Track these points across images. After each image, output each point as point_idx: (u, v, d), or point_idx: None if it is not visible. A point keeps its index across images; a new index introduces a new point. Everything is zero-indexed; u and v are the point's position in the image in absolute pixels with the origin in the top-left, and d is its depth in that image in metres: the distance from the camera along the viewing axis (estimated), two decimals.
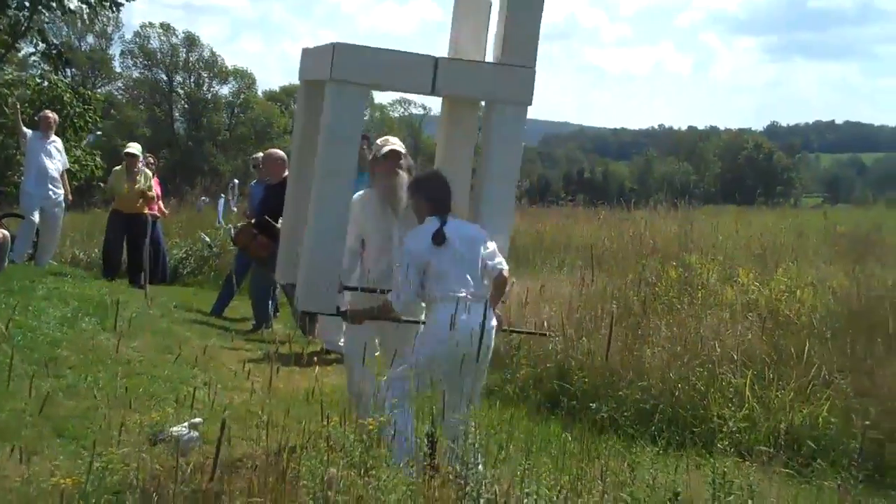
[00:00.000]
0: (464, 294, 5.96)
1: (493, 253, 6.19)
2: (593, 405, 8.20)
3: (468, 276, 6.07)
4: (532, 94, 6.30)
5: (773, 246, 14.67)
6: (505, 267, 6.19)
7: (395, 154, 6.69)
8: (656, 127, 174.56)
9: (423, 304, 6.33)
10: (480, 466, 4.89)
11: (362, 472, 4.70)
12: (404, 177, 6.61)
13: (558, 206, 26.18)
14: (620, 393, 8.35)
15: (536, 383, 8.87)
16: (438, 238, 6.07)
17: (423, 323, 6.31)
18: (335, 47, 6.16)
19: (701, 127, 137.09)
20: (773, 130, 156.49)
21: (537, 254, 15.53)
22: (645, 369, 8.58)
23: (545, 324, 9.68)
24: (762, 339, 9.06)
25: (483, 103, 6.68)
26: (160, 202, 15.39)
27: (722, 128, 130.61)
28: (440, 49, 6.75)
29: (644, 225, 16.55)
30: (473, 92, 6.67)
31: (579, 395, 8.44)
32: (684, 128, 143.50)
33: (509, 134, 6.35)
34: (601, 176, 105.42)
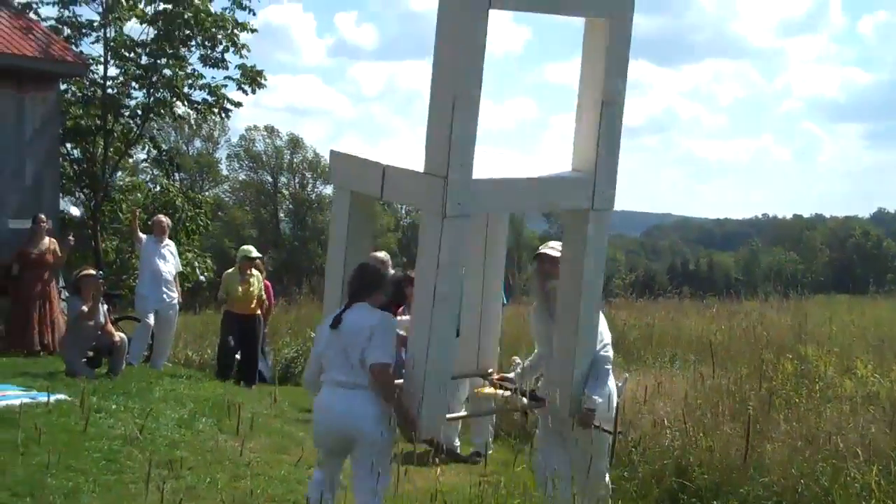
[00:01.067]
0: (339, 380, 6.39)
1: (375, 345, 6.35)
2: (715, 503, 8.04)
3: (345, 364, 6.39)
4: (441, 205, 5.91)
5: (891, 336, 14.35)
6: (377, 361, 6.30)
7: (540, 257, 7.36)
8: (760, 216, 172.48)
9: None
10: None
11: None
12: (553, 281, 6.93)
13: (666, 298, 25.86)
14: (742, 490, 8.16)
15: (657, 481, 8.71)
16: (335, 322, 6.49)
17: None
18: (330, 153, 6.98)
19: (806, 215, 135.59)
20: (880, 217, 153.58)
21: (647, 348, 15.34)
22: (766, 465, 8.38)
23: (664, 420, 9.53)
24: (886, 433, 8.80)
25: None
26: (271, 307, 15.67)
27: (827, 215, 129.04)
28: (535, 147, 6.78)
29: (756, 317, 16.35)
30: (411, 200, 7.02)
31: (700, 493, 8.28)
32: (789, 216, 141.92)
33: (428, 242, 6.15)
34: (706, 267, 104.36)
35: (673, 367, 13.48)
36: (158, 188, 30.10)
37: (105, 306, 13.04)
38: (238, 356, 14.40)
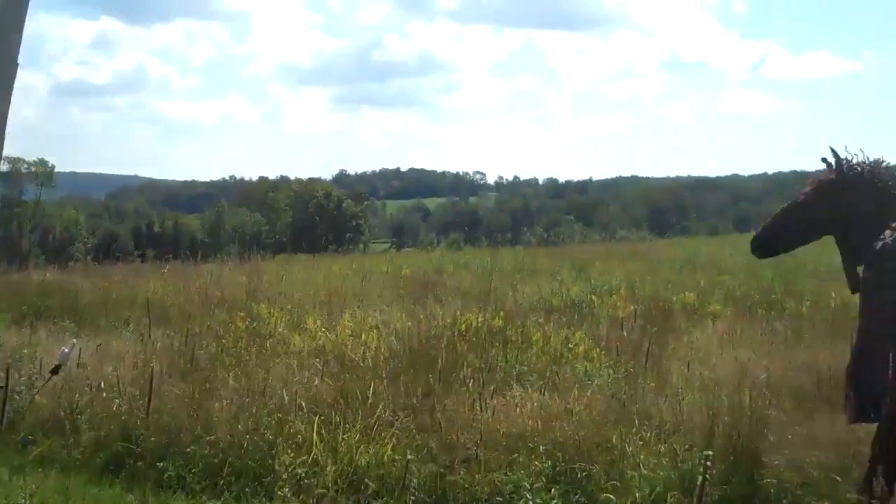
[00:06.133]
0: None
1: None
2: (160, 464, 7.97)
3: None
4: None
5: (340, 291, 15.03)
6: None
7: None
8: (227, 178, 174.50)
9: None
10: None
11: None
12: None
13: (129, 262, 25.29)
14: (188, 449, 8.15)
15: (100, 446, 8.48)
16: None
17: None
18: None
19: (272, 177, 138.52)
20: (341, 179, 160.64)
21: (102, 312, 14.91)
22: (213, 423, 8.42)
23: (101, 384, 9.28)
24: (328, 384, 9.17)
25: None
26: None
27: (293, 177, 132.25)
28: None
29: (211, 277, 16.51)
30: None
31: (146, 455, 8.16)
32: (255, 178, 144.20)
33: None
34: (172, 229, 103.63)
35: (127, 330, 13.23)
36: None
37: None
38: None
